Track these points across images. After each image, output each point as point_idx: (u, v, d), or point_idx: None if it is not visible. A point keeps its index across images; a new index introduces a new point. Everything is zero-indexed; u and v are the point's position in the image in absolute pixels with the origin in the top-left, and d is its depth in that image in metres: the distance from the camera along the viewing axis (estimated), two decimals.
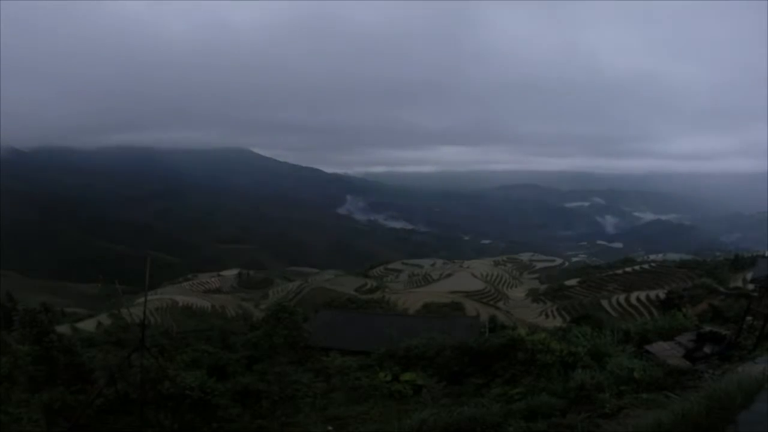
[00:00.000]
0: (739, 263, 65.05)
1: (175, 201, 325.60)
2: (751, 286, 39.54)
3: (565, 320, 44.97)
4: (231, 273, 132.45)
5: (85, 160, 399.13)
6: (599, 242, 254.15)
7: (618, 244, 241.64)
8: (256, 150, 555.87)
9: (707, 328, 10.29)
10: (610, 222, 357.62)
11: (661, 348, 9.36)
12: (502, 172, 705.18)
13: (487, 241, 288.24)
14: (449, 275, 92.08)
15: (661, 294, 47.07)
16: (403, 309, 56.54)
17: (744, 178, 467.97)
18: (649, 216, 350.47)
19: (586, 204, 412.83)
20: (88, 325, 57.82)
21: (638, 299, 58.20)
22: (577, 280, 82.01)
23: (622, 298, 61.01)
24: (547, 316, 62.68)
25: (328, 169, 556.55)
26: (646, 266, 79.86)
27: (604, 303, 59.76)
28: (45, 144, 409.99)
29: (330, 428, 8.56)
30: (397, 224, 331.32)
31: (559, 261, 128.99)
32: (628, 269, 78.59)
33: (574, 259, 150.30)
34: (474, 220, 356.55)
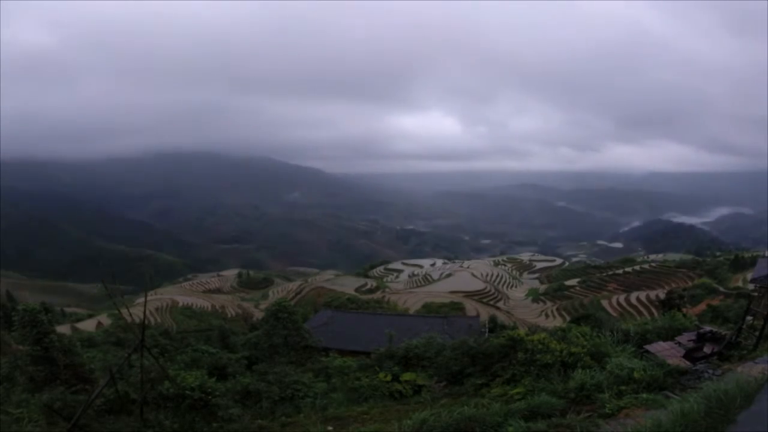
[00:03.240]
0: (739, 263, 65.05)
1: (175, 201, 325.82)
2: (751, 286, 39.45)
3: (565, 320, 44.96)
4: (231, 273, 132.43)
5: (86, 161, 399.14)
6: (599, 242, 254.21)
7: (618, 244, 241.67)
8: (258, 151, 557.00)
9: (707, 328, 10.28)
10: (610, 222, 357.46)
11: (661, 348, 9.35)
12: (502, 172, 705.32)
13: (487, 241, 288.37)
14: (449, 275, 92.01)
15: (661, 294, 47.02)
16: (403, 309, 56.55)
17: (744, 178, 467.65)
18: (648, 216, 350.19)
19: (587, 204, 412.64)
20: (88, 325, 57.95)
21: (638, 299, 58.24)
22: (577, 280, 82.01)
23: (622, 298, 61.05)
24: (547, 316, 62.70)
25: (329, 170, 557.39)
26: (646, 266, 79.85)
27: (604, 303, 59.78)
28: (47, 147, 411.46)
29: (330, 428, 8.56)
30: (397, 224, 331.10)
31: (559, 261, 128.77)
32: (628, 269, 78.61)
33: (574, 259, 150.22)
34: (474, 220, 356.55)
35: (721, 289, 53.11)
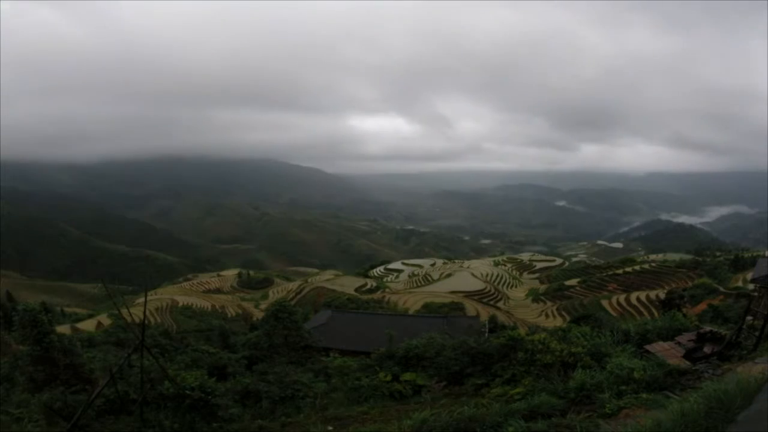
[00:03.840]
0: (739, 263, 65.00)
1: (175, 201, 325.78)
2: (751, 286, 39.47)
3: (565, 320, 44.94)
4: (231, 273, 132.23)
5: (86, 162, 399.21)
6: (599, 242, 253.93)
7: (618, 244, 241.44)
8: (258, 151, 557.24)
9: (707, 328, 10.28)
10: (610, 222, 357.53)
11: (661, 348, 9.35)
12: (502, 172, 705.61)
13: (487, 241, 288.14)
14: (449, 275, 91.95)
15: (661, 294, 47.04)
16: (403, 309, 56.53)
17: (744, 178, 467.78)
18: (648, 216, 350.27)
19: (586, 204, 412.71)
20: (88, 325, 57.88)
21: (638, 299, 58.21)
22: (577, 280, 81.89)
23: (622, 298, 61.02)
24: (547, 316, 62.65)
25: (329, 170, 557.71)
26: (646, 266, 79.75)
27: (604, 303, 59.75)
28: (48, 149, 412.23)
29: (330, 428, 8.55)
30: (397, 224, 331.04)
31: (559, 261, 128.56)
32: (628, 269, 78.49)
33: (574, 259, 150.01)
34: (474, 220, 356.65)
35: (721, 289, 53.03)
